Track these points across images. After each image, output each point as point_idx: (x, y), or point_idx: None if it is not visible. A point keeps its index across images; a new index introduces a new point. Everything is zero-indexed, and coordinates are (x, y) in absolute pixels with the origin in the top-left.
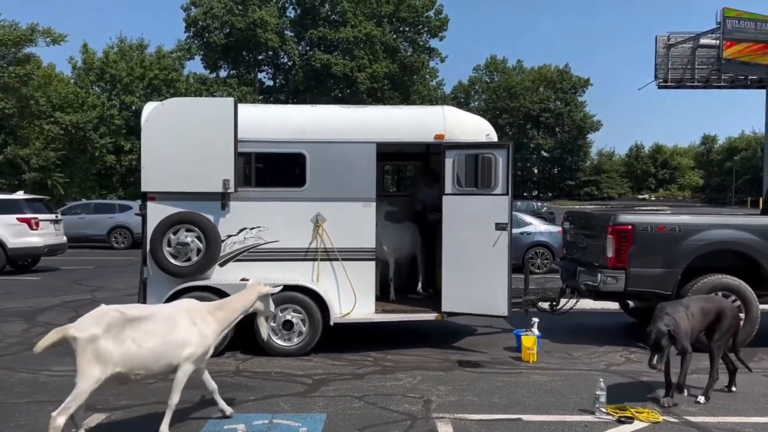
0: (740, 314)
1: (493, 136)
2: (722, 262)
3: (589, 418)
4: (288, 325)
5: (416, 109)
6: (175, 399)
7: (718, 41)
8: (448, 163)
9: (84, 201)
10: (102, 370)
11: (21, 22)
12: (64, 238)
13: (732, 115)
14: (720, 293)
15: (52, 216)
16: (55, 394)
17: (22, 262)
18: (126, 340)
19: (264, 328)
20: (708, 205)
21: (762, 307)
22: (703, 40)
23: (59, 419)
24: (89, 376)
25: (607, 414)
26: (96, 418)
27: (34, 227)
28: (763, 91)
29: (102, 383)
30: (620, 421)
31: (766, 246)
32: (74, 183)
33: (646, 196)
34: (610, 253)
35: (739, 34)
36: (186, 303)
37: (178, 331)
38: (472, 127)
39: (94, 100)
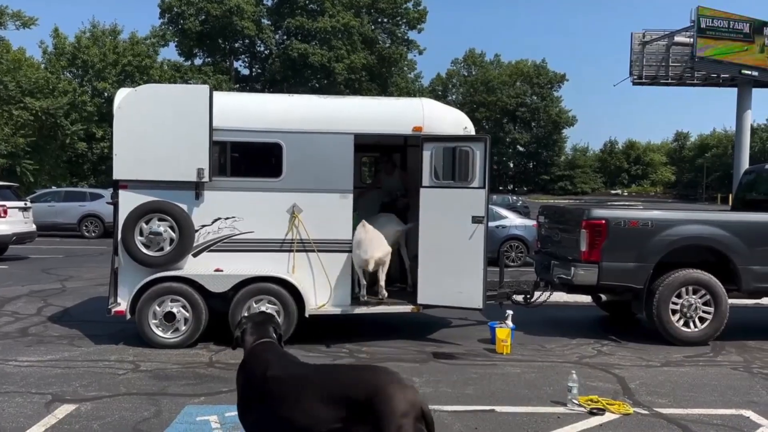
0: None
1: (471, 130)
2: (693, 257)
3: (561, 409)
4: None
5: (394, 100)
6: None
7: (692, 39)
8: (426, 155)
9: (54, 189)
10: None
11: None
12: (34, 226)
13: (704, 113)
14: (691, 287)
15: (21, 203)
16: (22, 384)
17: None
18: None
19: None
20: (680, 201)
21: (730, 301)
22: (678, 38)
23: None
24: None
25: (579, 405)
26: (65, 409)
27: (2, 215)
28: (735, 89)
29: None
30: (592, 413)
31: (735, 241)
32: (44, 170)
33: (619, 191)
34: (583, 247)
35: (713, 33)
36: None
37: (384, 245)
38: (450, 119)
39: (66, 86)
